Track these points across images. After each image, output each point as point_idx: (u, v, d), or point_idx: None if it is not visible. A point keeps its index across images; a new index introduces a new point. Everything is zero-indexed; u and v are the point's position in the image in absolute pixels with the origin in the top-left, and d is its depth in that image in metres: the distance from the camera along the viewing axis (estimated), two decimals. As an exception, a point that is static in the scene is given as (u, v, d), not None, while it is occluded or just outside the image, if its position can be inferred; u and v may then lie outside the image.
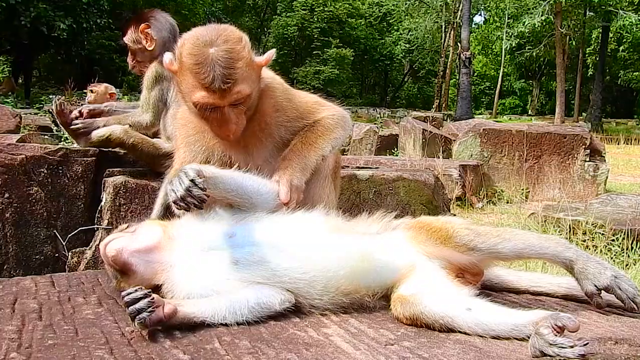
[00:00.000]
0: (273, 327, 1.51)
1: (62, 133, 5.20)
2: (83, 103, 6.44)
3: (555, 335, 1.28)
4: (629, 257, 3.92)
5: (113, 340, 1.39)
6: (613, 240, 4.06)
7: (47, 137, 5.08)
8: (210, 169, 1.65)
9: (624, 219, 4.28)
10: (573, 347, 1.24)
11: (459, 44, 30.22)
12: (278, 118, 1.97)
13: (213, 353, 1.33)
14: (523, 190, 7.62)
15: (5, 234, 3.09)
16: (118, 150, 3.33)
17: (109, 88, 5.39)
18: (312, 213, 1.73)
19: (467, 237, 1.61)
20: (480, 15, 48.99)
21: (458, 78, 30.08)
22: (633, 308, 1.56)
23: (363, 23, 41.67)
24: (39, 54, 25.95)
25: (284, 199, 1.77)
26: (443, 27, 38.26)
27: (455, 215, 4.76)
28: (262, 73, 1.88)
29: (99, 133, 3.16)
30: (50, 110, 3.37)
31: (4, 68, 23.51)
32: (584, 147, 7.67)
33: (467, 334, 1.45)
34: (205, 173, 1.60)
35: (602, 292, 1.58)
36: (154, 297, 1.41)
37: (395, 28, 43.90)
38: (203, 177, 1.57)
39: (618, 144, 18.36)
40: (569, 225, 4.28)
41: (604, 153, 7.96)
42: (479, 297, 1.55)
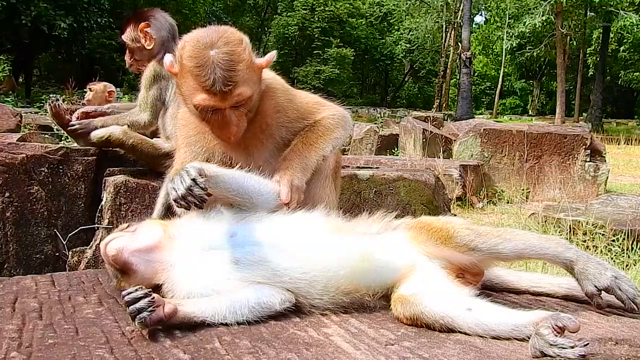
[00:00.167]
0: (273, 326, 1.51)
1: (62, 132, 5.19)
2: (83, 102, 6.44)
3: (556, 336, 1.28)
4: (629, 257, 3.92)
5: (113, 340, 1.39)
6: (613, 241, 4.06)
7: (47, 136, 5.08)
8: (212, 168, 1.65)
9: (625, 220, 4.27)
10: (573, 347, 1.25)
11: (460, 44, 30.22)
12: (279, 119, 1.97)
13: (213, 352, 1.33)
14: (523, 191, 7.62)
15: (6, 233, 3.09)
16: (118, 150, 3.33)
17: (108, 87, 5.39)
18: (312, 213, 1.73)
19: (467, 237, 1.61)
20: (481, 15, 49.00)
21: (458, 78, 30.05)
22: (633, 309, 1.56)
23: (364, 23, 41.66)
24: (40, 53, 25.96)
25: (285, 199, 1.78)
26: (444, 27, 38.24)
27: (456, 216, 4.76)
28: (262, 74, 1.88)
29: (98, 134, 3.15)
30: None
31: (5, 67, 23.49)
32: (585, 147, 7.67)
33: (467, 334, 1.46)
34: (207, 172, 1.60)
35: (602, 292, 1.58)
36: (155, 296, 1.41)
37: (396, 28, 43.88)
38: (205, 175, 1.57)
39: (618, 145, 18.35)
40: (569, 226, 4.27)
41: (605, 153, 7.95)
42: (480, 297, 1.55)
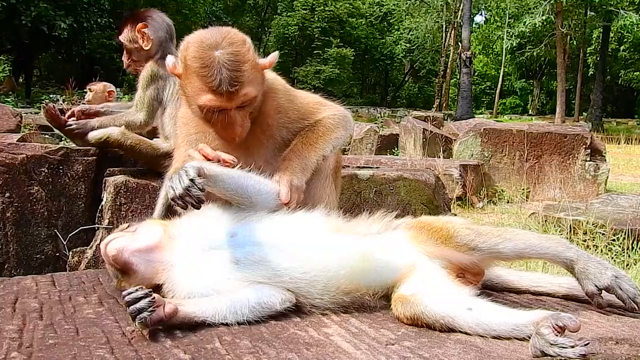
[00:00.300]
0: (274, 326, 1.51)
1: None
2: (83, 102, 6.44)
3: (556, 335, 1.28)
4: (630, 257, 3.92)
5: (114, 340, 1.39)
6: (614, 240, 4.06)
7: (47, 136, 5.07)
8: (211, 167, 1.65)
9: (625, 219, 4.27)
10: (574, 347, 1.24)
11: (460, 44, 30.21)
12: (280, 119, 1.97)
13: (214, 352, 1.33)
14: (524, 190, 7.62)
15: (6, 234, 3.09)
16: (118, 150, 3.33)
17: (107, 87, 5.38)
18: (312, 213, 1.73)
19: (468, 237, 1.61)
20: (481, 15, 48.97)
21: (459, 78, 30.04)
22: (634, 308, 1.55)
23: (364, 23, 41.66)
24: (40, 53, 25.96)
25: (284, 199, 1.77)
26: (444, 26, 38.24)
27: (456, 215, 4.76)
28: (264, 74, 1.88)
29: (96, 135, 3.14)
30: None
31: (5, 67, 23.49)
32: (585, 146, 7.66)
33: (467, 334, 1.45)
34: (206, 171, 1.59)
35: (602, 292, 1.58)
36: (155, 296, 1.41)
37: (396, 27, 43.89)
38: (204, 175, 1.57)
39: (619, 144, 18.34)
40: (570, 225, 4.27)
41: (605, 153, 7.95)
42: (480, 297, 1.55)
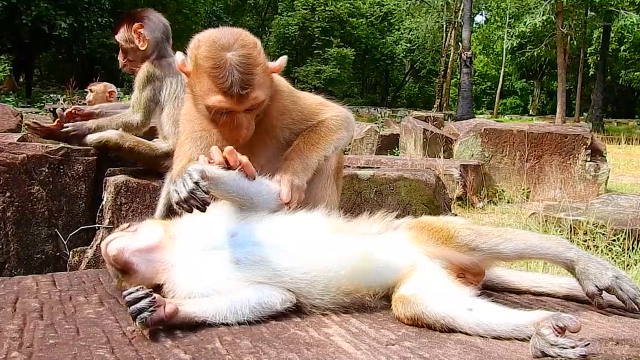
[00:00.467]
0: (274, 326, 1.51)
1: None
2: (84, 103, 6.44)
3: (557, 336, 1.27)
4: (630, 257, 3.92)
5: (114, 340, 1.39)
6: (614, 241, 4.06)
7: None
8: (213, 170, 1.64)
9: (625, 219, 4.27)
10: (574, 347, 1.24)
11: (460, 44, 30.21)
12: (284, 120, 1.97)
13: (214, 353, 1.33)
14: (524, 190, 7.62)
15: (7, 233, 3.09)
16: (117, 152, 3.33)
17: (108, 87, 5.38)
18: (313, 213, 1.72)
19: (468, 237, 1.61)
20: (482, 15, 48.98)
21: (459, 78, 30.03)
22: (634, 309, 1.55)
23: (364, 22, 41.65)
24: (40, 53, 25.97)
25: (285, 199, 1.77)
26: (444, 26, 38.24)
27: (457, 215, 4.76)
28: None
29: (94, 138, 3.17)
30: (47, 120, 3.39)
31: (5, 67, 23.52)
32: (585, 147, 7.67)
33: (468, 334, 1.45)
34: (209, 174, 1.59)
35: (603, 292, 1.58)
36: (155, 296, 1.41)
37: (397, 27, 43.88)
38: (206, 178, 1.56)
39: (619, 144, 18.34)
40: (570, 225, 4.27)
41: (605, 153, 7.95)
42: (480, 297, 1.55)
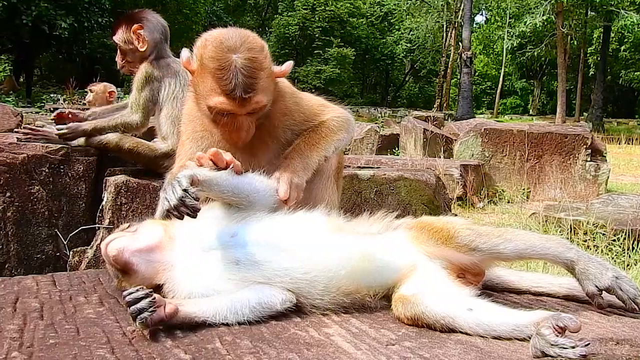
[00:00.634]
0: (274, 326, 1.51)
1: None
2: (84, 103, 6.44)
3: (557, 336, 1.27)
4: (630, 257, 3.92)
5: (114, 340, 1.39)
6: (614, 241, 4.06)
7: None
8: (204, 172, 1.62)
9: (625, 219, 4.27)
10: (574, 347, 1.24)
11: (460, 44, 30.21)
12: (285, 122, 1.97)
13: (214, 353, 1.33)
14: (524, 190, 7.62)
15: (7, 233, 3.09)
16: (117, 154, 3.33)
17: (108, 87, 5.40)
18: (313, 213, 1.72)
19: (468, 237, 1.61)
20: (482, 15, 48.99)
21: (459, 78, 30.04)
22: (634, 309, 1.55)
23: (364, 22, 41.65)
24: (40, 53, 25.97)
25: (283, 196, 1.76)
26: (444, 26, 38.25)
27: (457, 215, 4.76)
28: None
29: (94, 141, 3.22)
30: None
31: (5, 67, 23.52)
32: (585, 147, 7.66)
33: (468, 334, 1.45)
34: (200, 177, 1.57)
35: (603, 292, 1.58)
36: (155, 296, 1.41)
37: (397, 27, 43.90)
38: (197, 182, 1.55)
39: (619, 144, 18.33)
40: (570, 226, 4.27)
41: (605, 153, 7.95)
42: (480, 297, 1.55)
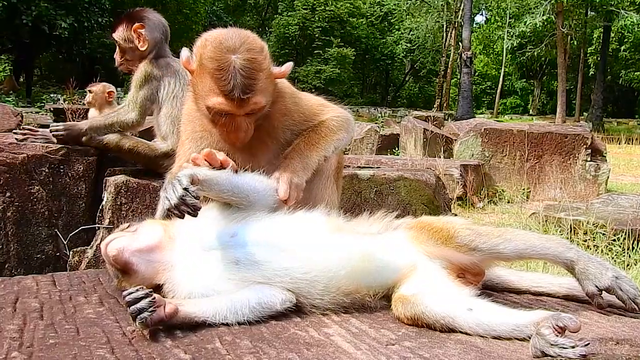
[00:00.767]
0: (274, 326, 1.51)
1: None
2: (84, 103, 6.44)
3: (557, 336, 1.27)
4: (630, 257, 3.92)
5: (114, 340, 1.39)
6: (614, 240, 4.06)
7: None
8: (204, 172, 1.62)
9: (625, 219, 4.27)
10: (574, 347, 1.24)
11: (460, 44, 30.23)
12: (285, 122, 1.97)
13: (214, 352, 1.33)
14: (524, 190, 7.62)
15: (7, 233, 3.09)
16: (117, 154, 3.33)
17: (107, 87, 5.40)
18: (313, 213, 1.72)
19: (468, 237, 1.61)
20: (482, 15, 49.00)
21: (459, 77, 30.05)
22: (634, 309, 1.55)
23: (364, 22, 41.65)
24: (40, 53, 25.98)
25: (283, 196, 1.76)
26: (444, 26, 38.26)
27: (457, 215, 4.76)
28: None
29: (94, 141, 3.21)
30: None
31: (5, 67, 23.53)
32: (585, 147, 7.67)
33: (468, 334, 1.45)
34: (200, 177, 1.58)
35: (603, 292, 1.58)
36: (155, 296, 1.41)
37: (397, 27, 43.90)
38: (197, 181, 1.55)
39: (619, 144, 18.33)
40: (570, 225, 4.27)
41: (605, 153, 7.95)
42: (480, 297, 1.55)
